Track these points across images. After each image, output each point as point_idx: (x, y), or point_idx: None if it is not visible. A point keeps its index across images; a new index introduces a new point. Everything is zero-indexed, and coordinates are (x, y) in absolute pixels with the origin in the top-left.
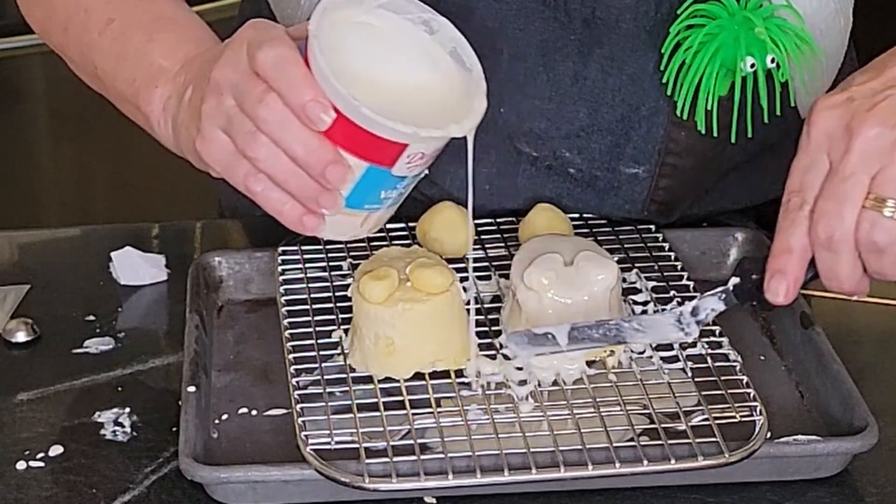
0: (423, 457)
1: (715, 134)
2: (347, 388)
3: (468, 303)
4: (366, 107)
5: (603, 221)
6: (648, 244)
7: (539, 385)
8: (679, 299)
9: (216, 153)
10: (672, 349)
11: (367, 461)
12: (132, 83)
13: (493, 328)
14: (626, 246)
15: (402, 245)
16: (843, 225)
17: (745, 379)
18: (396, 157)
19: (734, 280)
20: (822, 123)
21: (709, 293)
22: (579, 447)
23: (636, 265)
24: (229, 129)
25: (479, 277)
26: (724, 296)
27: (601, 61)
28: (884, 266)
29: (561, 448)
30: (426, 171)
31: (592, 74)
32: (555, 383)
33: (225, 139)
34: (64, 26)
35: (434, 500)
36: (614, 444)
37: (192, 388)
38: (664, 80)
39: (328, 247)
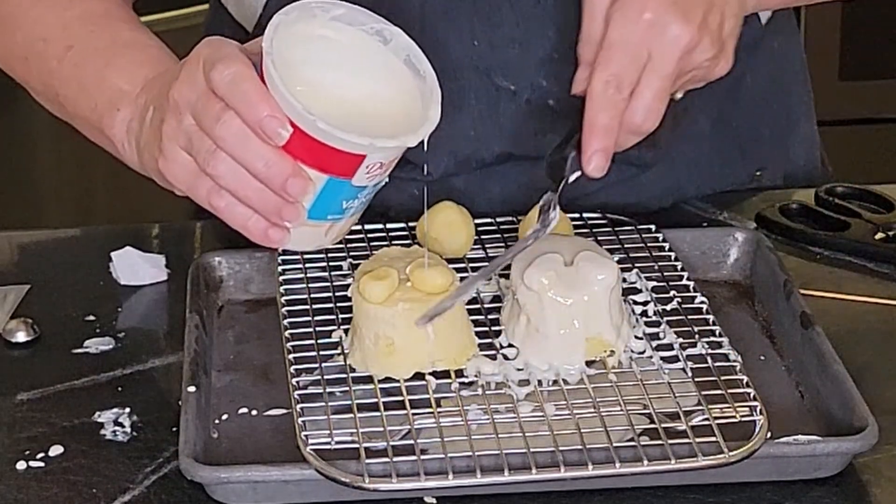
0: (423, 457)
1: None
2: (347, 388)
3: (468, 302)
4: (321, 120)
5: (603, 221)
6: (648, 244)
7: (539, 385)
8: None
9: (178, 173)
10: (672, 349)
11: (367, 461)
12: (94, 109)
13: (494, 328)
14: (626, 246)
15: (402, 245)
16: (658, 115)
17: (745, 379)
18: (355, 168)
19: (574, 175)
20: (652, 14)
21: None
22: (579, 447)
23: (636, 265)
24: (190, 148)
25: None
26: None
27: None
28: None
29: (561, 448)
30: (386, 179)
31: None
32: (555, 383)
33: (186, 158)
34: (24, 57)
35: (434, 500)
36: (614, 444)
37: (192, 388)
38: None
39: (328, 247)
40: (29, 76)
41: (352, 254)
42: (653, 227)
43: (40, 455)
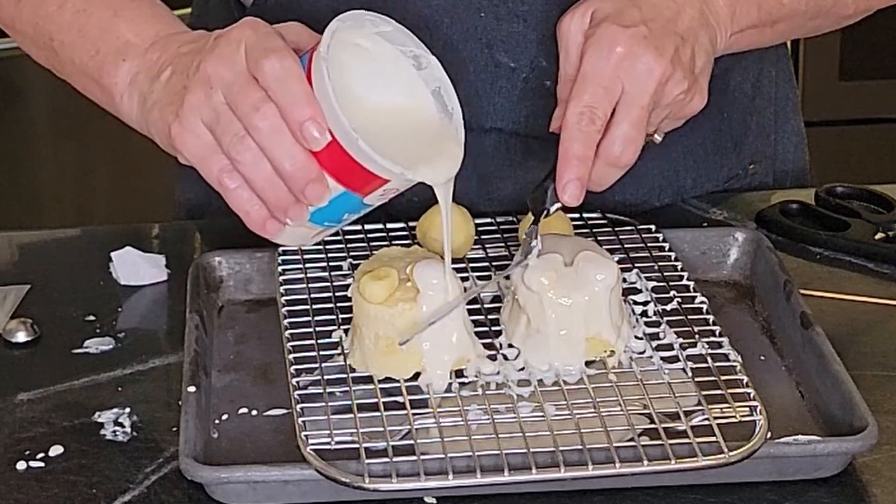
0: (423, 457)
1: None
2: (347, 388)
3: (469, 303)
4: (363, 140)
5: (603, 221)
6: (648, 244)
7: (539, 385)
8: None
9: (192, 144)
10: (672, 349)
11: (367, 461)
12: (94, 56)
13: (494, 328)
14: (626, 246)
15: (402, 245)
16: (636, 148)
17: (746, 379)
18: (375, 188)
19: (555, 206)
20: (624, 48)
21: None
22: (579, 447)
23: (636, 265)
24: (214, 126)
25: (479, 277)
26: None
27: None
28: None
29: (561, 448)
30: (393, 196)
31: None
32: (555, 383)
33: (205, 132)
34: None
35: (434, 500)
36: (614, 444)
37: (192, 388)
38: None
39: (328, 247)
40: (19, 18)
41: (352, 254)
42: (653, 227)
43: (40, 455)
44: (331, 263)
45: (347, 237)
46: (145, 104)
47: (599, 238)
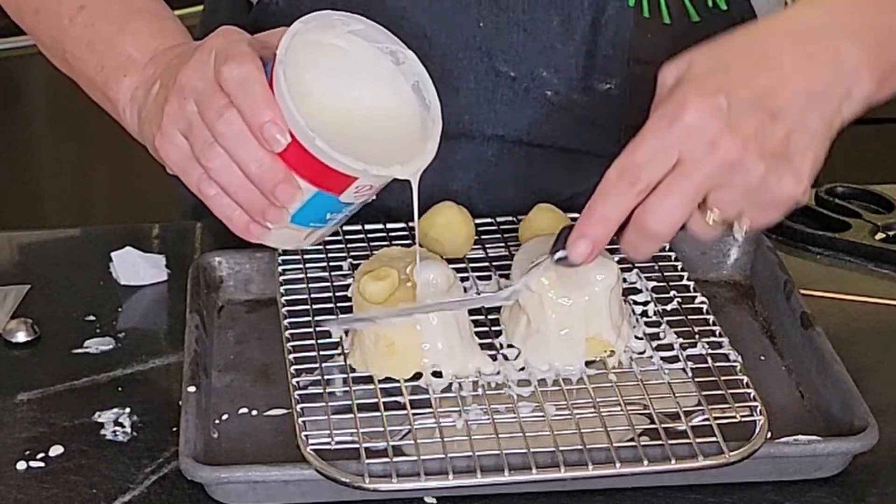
0: (423, 457)
1: (693, 18)
2: (347, 388)
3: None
4: (320, 139)
5: None
6: None
7: (539, 385)
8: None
9: (172, 153)
10: (672, 349)
11: (367, 461)
12: (100, 71)
13: (494, 328)
14: None
15: (402, 245)
16: (674, 224)
17: (746, 379)
18: (345, 186)
19: (560, 253)
20: (692, 118)
21: (534, 264)
22: (579, 447)
23: (636, 265)
24: (188, 134)
25: (479, 277)
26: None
27: None
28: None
29: (561, 448)
30: (374, 197)
31: None
32: (555, 383)
33: (183, 142)
34: (35, 9)
35: (434, 500)
36: (614, 444)
37: (192, 388)
38: None
39: (328, 247)
40: (38, 29)
41: (352, 254)
42: None
43: (40, 455)
44: (331, 263)
45: (347, 237)
46: (140, 118)
47: None
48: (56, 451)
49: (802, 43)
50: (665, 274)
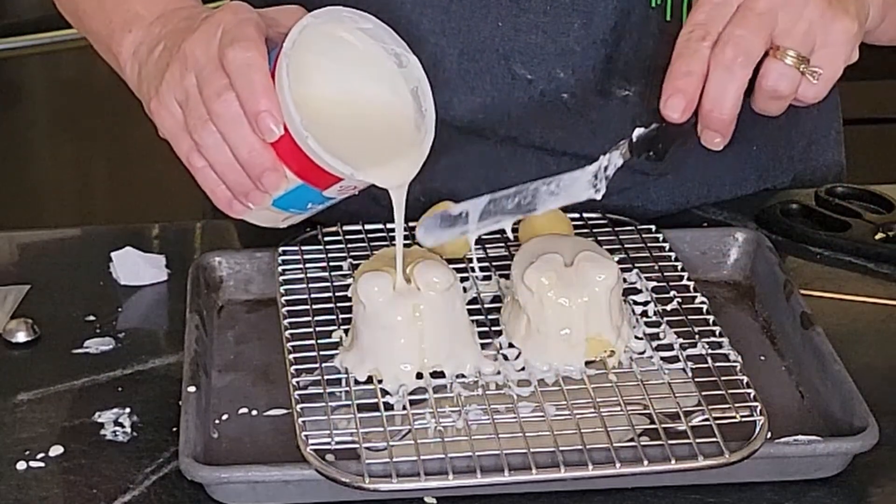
0: (423, 457)
1: None
2: (347, 388)
3: (469, 303)
4: (313, 139)
5: (603, 221)
6: (648, 244)
7: (539, 385)
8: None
9: (167, 120)
10: (672, 349)
11: (367, 461)
12: (108, 24)
13: (494, 328)
14: (626, 246)
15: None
16: (752, 50)
17: (746, 379)
18: (330, 184)
19: (638, 131)
20: None
21: (612, 147)
22: (579, 447)
23: (636, 265)
24: (184, 105)
25: (478, 278)
26: (623, 148)
27: None
28: (770, 109)
29: (561, 448)
30: (356, 193)
31: None
32: (555, 383)
33: (178, 110)
34: None
35: (434, 500)
36: (614, 445)
37: (192, 388)
38: None
39: (328, 247)
40: None
41: (352, 254)
42: (653, 227)
43: (40, 455)
44: (331, 263)
45: (347, 237)
46: (140, 75)
47: (599, 238)
48: (56, 451)
49: None
50: (665, 274)
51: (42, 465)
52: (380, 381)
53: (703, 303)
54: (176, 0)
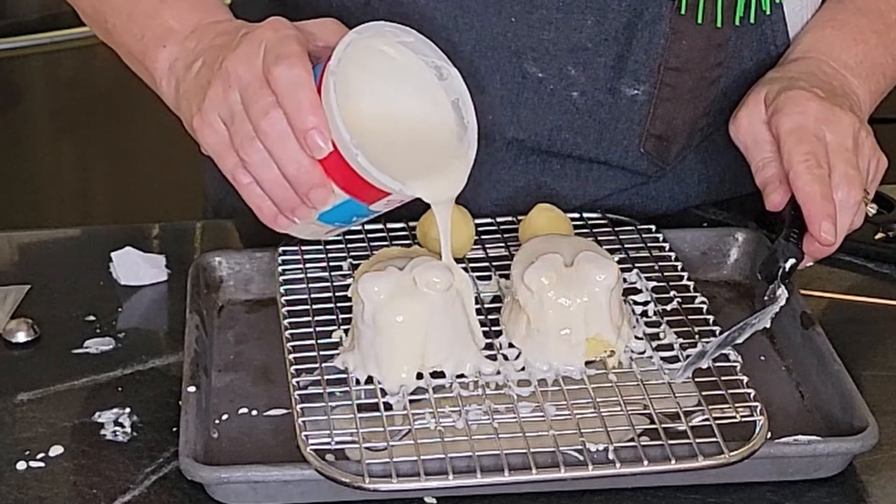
0: (423, 457)
1: (718, 24)
2: (347, 388)
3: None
4: (362, 155)
5: (603, 221)
6: (648, 244)
7: (539, 385)
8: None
9: (210, 137)
10: (672, 349)
11: (367, 461)
12: (140, 40)
13: (494, 328)
14: (626, 246)
15: (402, 245)
16: (859, 192)
17: (746, 379)
18: (378, 199)
19: (791, 261)
20: (815, 102)
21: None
22: (579, 447)
23: (636, 265)
24: (230, 123)
25: (479, 277)
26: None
27: None
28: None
29: (561, 448)
30: (400, 206)
31: None
32: (555, 383)
33: (222, 128)
34: None
35: (434, 500)
36: (614, 445)
37: (192, 388)
38: None
39: (328, 247)
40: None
41: (352, 254)
42: (653, 227)
43: (40, 455)
44: (331, 263)
45: (347, 237)
46: (178, 91)
47: (599, 238)
48: (56, 451)
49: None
50: (665, 274)
51: (42, 465)
52: (380, 382)
53: (703, 303)
54: (208, 13)
